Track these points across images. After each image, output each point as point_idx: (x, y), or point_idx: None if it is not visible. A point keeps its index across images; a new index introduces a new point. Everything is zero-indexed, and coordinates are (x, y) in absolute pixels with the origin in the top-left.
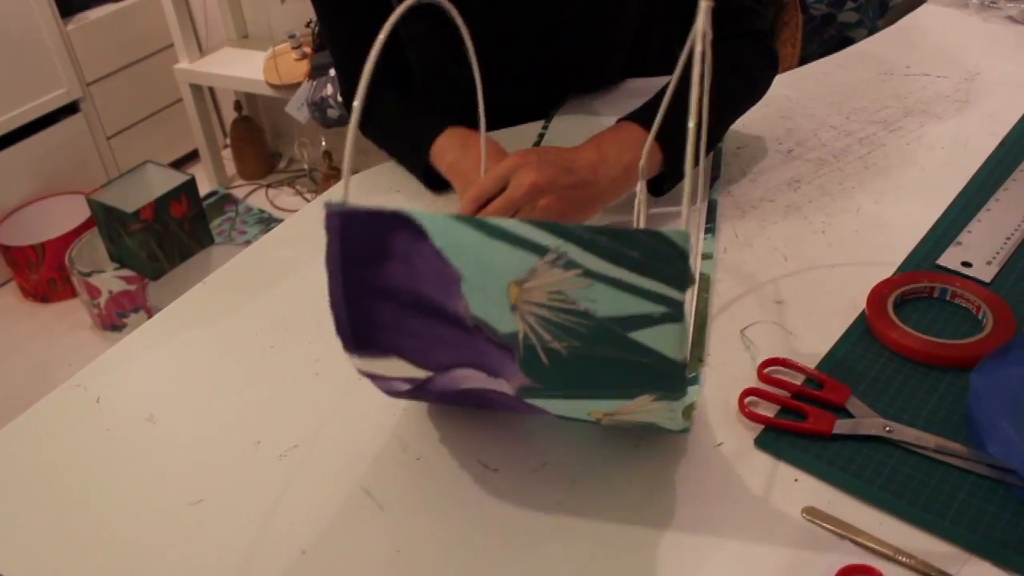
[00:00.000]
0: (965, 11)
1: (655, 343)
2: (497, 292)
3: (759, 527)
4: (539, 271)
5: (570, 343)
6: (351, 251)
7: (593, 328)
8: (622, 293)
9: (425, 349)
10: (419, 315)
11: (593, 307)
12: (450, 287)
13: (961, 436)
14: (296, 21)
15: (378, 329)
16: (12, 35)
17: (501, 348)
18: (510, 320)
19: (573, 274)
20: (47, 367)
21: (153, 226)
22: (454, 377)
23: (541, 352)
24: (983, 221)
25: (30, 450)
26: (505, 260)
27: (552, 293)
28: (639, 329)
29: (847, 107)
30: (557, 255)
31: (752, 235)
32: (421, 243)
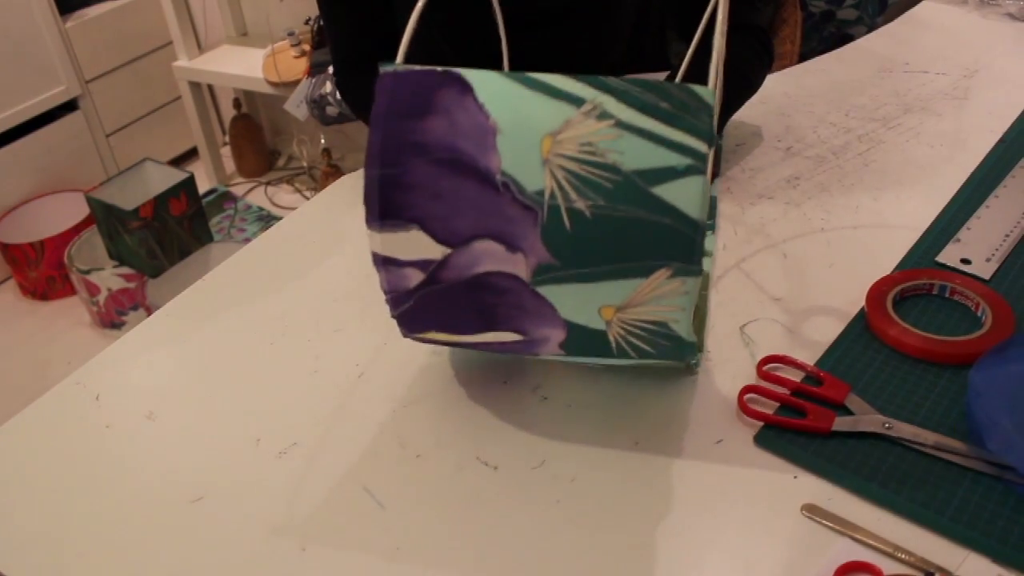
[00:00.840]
0: (964, 8)
1: (676, 198)
2: (531, 145)
3: (759, 524)
4: (573, 122)
5: (594, 202)
6: (396, 106)
7: (618, 183)
8: (650, 144)
9: (448, 215)
10: (451, 172)
11: (621, 159)
12: (487, 140)
13: (960, 433)
14: (295, 19)
15: (406, 191)
16: (11, 33)
17: (525, 210)
18: (539, 176)
19: (605, 125)
20: (46, 365)
21: (152, 224)
22: (471, 255)
23: (564, 214)
24: (982, 218)
25: (29, 447)
26: (543, 112)
27: (583, 145)
28: (663, 183)
29: (846, 104)
30: (593, 106)
31: (751, 232)
32: (466, 96)
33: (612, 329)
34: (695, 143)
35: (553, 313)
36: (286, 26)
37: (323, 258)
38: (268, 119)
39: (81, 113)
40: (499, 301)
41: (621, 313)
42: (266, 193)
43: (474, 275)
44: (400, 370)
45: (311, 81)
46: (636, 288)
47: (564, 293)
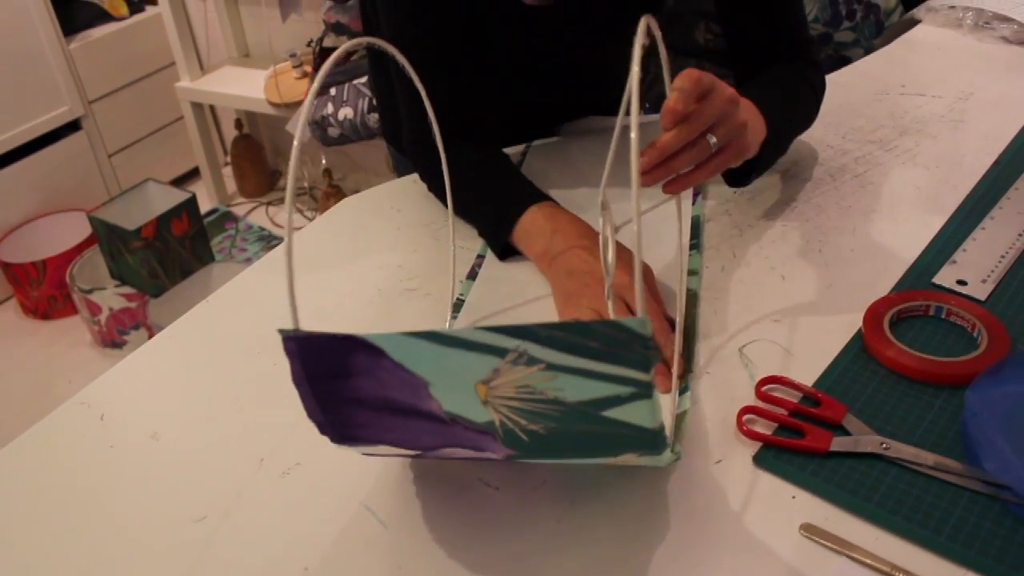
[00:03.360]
0: (959, 31)
1: (629, 418)
2: (466, 391)
3: (757, 543)
4: (503, 370)
5: (547, 424)
6: (315, 370)
7: (566, 411)
8: (588, 380)
9: (409, 439)
10: (395, 415)
11: (562, 394)
12: (419, 392)
13: (957, 453)
14: (297, 40)
15: (359, 428)
16: (15, 53)
17: (481, 433)
18: (484, 412)
19: (536, 369)
20: (47, 384)
21: (154, 243)
22: (442, 454)
23: (521, 434)
24: (978, 240)
25: (34, 467)
26: (467, 365)
27: (520, 387)
28: (611, 408)
29: (843, 127)
30: (518, 354)
31: (750, 254)
32: (381, 358)
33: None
34: (633, 374)
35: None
36: (288, 48)
37: (326, 279)
38: (269, 139)
39: (84, 133)
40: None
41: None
42: (267, 213)
43: (450, 457)
44: None
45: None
46: (604, 460)
47: (539, 461)
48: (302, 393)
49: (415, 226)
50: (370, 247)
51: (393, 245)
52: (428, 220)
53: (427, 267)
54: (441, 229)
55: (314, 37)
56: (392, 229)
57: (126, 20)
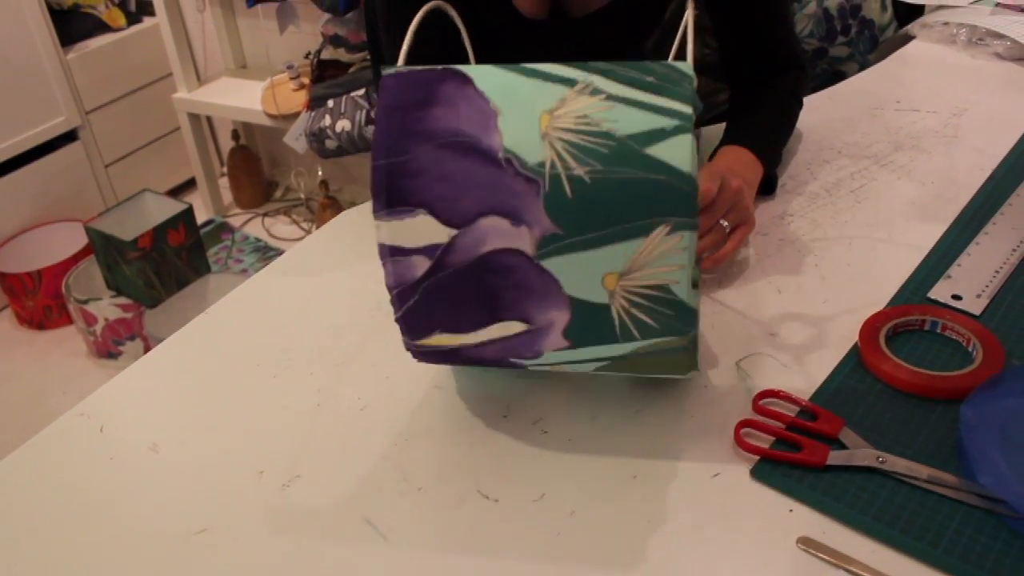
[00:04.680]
0: (953, 47)
1: (669, 156)
2: (530, 122)
3: (755, 556)
4: (568, 99)
5: (592, 167)
6: (400, 100)
7: (614, 148)
8: (640, 111)
9: (454, 195)
10: (455, 154)
11: (615, 126)
12: (488, 122)
13: (952, 467)
14: (294, 52)
15: (413, 177)
16: (13, 63)
17: (528, 182)
18: (539, 149)
19: (598, 99)
20: (41, 394)
21: (150, 254)
22: (477, 234)
23: (565, 182)
24: (973, 255)
25: (34, 478)
26: (540, 94)
27: (579, 117)
28: (654, 143)
29: (839, 141)
30: (584, 84)
31: (747, 268)
32: (466, 87)
33: (615, 301)
34: (680, 106)
35: (558, 290)
36: (285, 60)
37: (325, 292)
38: (266, 151)
39: (80, 144)
40: (504, 282)
41: (623, 280)
42: (263, 224)
43: (480, 256)
44: (402, 404)
45: (310, 114)
46: (637, 249)
47: (568, 264)
48: (377, 127)
49: None
50: (369, 258)
51: None
52: None
53: None
54: None
55: (312, 49)
56: None
57: (124, 31)
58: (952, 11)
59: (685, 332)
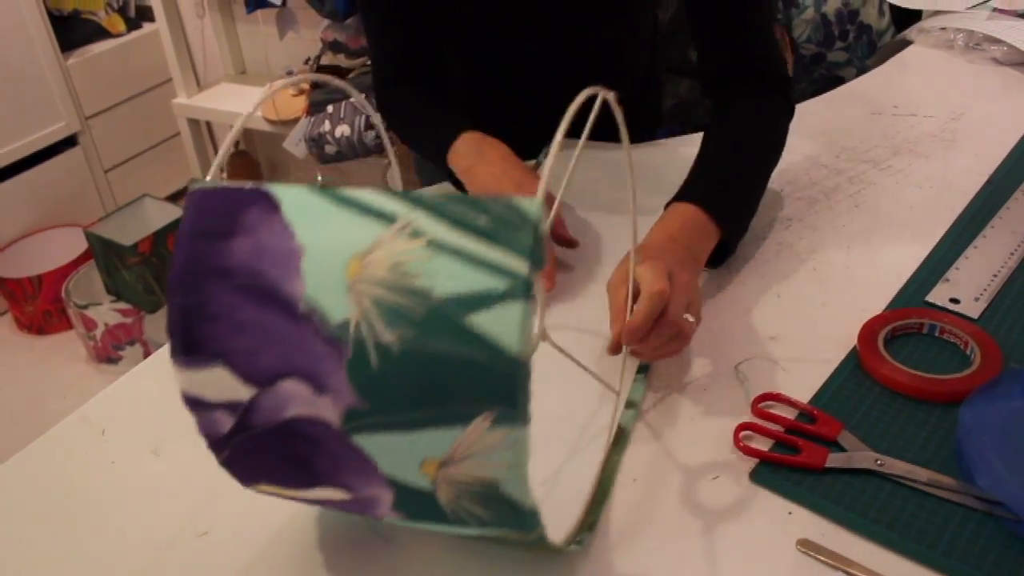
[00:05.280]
0: (950, 52)
1: (494, 329)
2: (337, 268)
3: (755, 559)
4: (383, 241)
5: (403, 333)
6: (201, 225)
7: (430, 311)
8: (464, 265)
9: (251, 349)
10: (252, 300)
11: (431, 283)
12: (290, 262)
13: (950, 469)
14: (294, 58)
15: (209, 322)
16: (13, 69)
17: (330, 345)
18: (344, 304)
19: (417, 244)
20: (41, 399)
21: (150, 259)
22: (277, 397)
23: (371, 349)
24: (970, 258)
25: (36, 482)
26: (353, 230)
27: (392, 266)
28: (478, 310)
29: (837, 146)
30: (404, 223)
31: (745, 273)
32: (272, 216)
33: (440, 490)
34: (514, 263)
35: (372, 468)
36: (285, 65)
37: None
38: (265, 156)
39: (80, 149)
40: (314, 452)
41: (445, 469)
42: None
43: (284, 420)
44: None
45: (310, 120)
46: (455, 439)
47: (380, 444)
48: (176, 253)
49: None
50: None
51: None
52: None
53: None
54: None
55: (312, 55)
56: None
57: (123, 37)
58: (949, 16)
59: (527, 530)
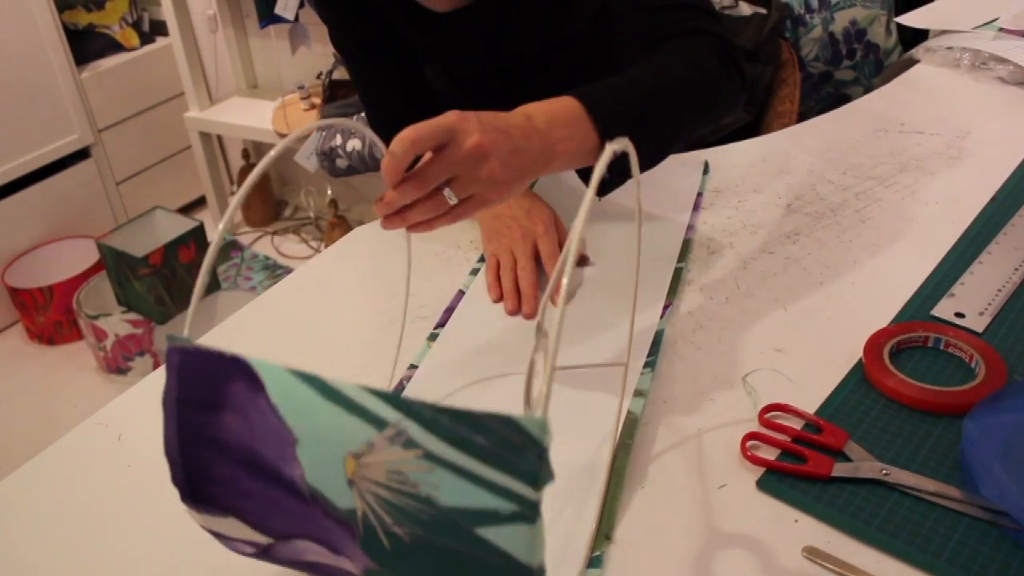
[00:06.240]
0: (957, 71)
1: (506, 543)
2: (334, 462)
3: (761, 566)
4: (377, 446)
5: (412, 530)
6: (188, 394)
7: (436, 517)
8: (467, 483)
9: (263, 514)
10: (254, 477)
11: (436, 494)
12: (285, 449)
13: (955, 480)
14: (306, 72)
15: (214, 486)
16: (28, 82)
17: (340, 524)
18: (348, 495)
19: (413, 455)
20: (51, 409)
21: (161, 271)
22: (296, 548)
23: (382, 535)
24: (976, 273)
25: (53, 484)
26: (342, 428)
27: (391, 473)
28: (486, 525)
29: (844, 163)
30: (396, 431)
31: (753, 286)
32: (258, 395)
33: None
34: (519, 487)
35: None
36: (296, 80)
37: (333, 310)
38: (275, 170)
39: (93, 161)
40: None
41: None
42: (272, 243)
43: (306, 561)
44: None
45: (322, 134)
46: None
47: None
48: (167, 418)
49: (426, 255)
50: (379, 277)
51: (404, 274)
52: (439, 249)
53: (438, 295)
54: (452, 258)
55: (323, 70)
56: (403, 258)
57: (137, 51)
58: (956, 36)
59: None
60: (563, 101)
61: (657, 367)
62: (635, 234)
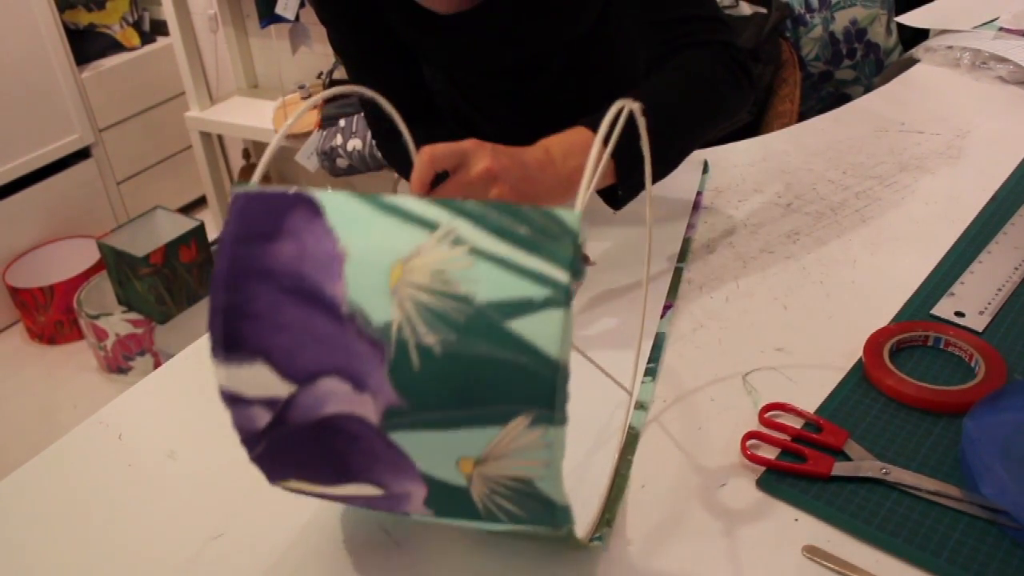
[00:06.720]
0: (957, 71)
1: (534, 334)
2: (379, 274)
3: (761, 564)
4: (425, 248)
5: (444, 336)
6: (245, 229)
7: (471, 316)
8: (506, 272)
9: (293, 347)
10: (296, 301)
11: (474, 290)
12: (333, 267)
13: (955, 479)
14: (307, 72)
15: (251, 320)
16: (28, 82)
17: (372, 345)
18: (387, 307)
19: (459, 251)
20: (52, 409)
21: (162, 270)
22: (317, 394)
23: (413, 350)
24: (975, 273)
25: (54, 484)
26: (395, 237)
27: (434, 272)
28: (519, 316)
29: (844, 162)
30: (446, 231)
31: (753, 285)
32: (315, 220)
33: (475, 486)
34: (554, 272)
35: (409, 465)
36: (297, 79)
37: None
38: (276, 169)
39: (94, 161)
40: (351, 448)
41: (481, 467)
42: None
43: (322, 417)
44: None
45: (322, 134)
46: (493, 438)
47: (418, 441)
48: (219, 257)
49: None
50: None
51: None
52: None
53: None
54: None
55: (324, 69)
56: None
57: (137, 50)
58: (956, 35)
59: (558, 526)
60: (577, 132)
61: (658, 369)
62: (635, 234)
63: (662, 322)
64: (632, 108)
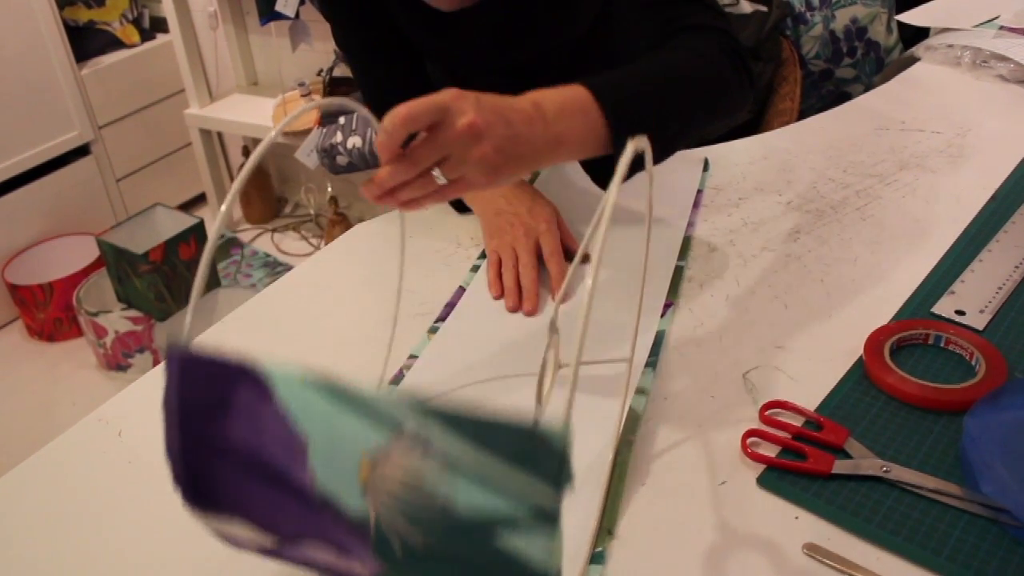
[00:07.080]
0: (958, 69)
1: (524, 550)
2: (347, 466)
3: (762, 562)
4: (393, 452)
5: (427, 539)
6: (190, 399)
7: (453, 527)
8: (486, 491)
9: (269, 517)
10: (261, 481)
11: (453, 503)
12: (295, 454)
13: (955, 477)
14: (306, 69)
15: (218, 488)
16: (28, 79)
17: (350, 531)
18: (361, 502)
19: (431, 464)
20: (51, 406)
21: (161, 267)
22: (304, 549)
23: (396, 544)
24: (976, 271)
25: (53, 481)
26: (357, 433)
27: (407, 479)
28: (505, 535)
29: (844, 161)
30: (415, 435)
31: (754, 283)
32: (266, 399)
33: None
34: (539, 495)
35: None
36: (297, 77)
37: (334, 307)
38: (276, 167)
39: (93, 158)
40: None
41: None
42: (272, 240)
43: (315, 561)
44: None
45: (322, 131)
46: None
47: None
48: (168, 425)
49: (426, 252)
50: (379, 274)
51: (404, 271)
52: (439, 247)
53: (438, 292)
54: (452, 255)
55: (324, 66)
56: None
57: (137, 47)
58: (957, 34)
59: None
60: (573, 89)
61: (658, 366)
62: (635, 234)
63: (662, 320)
64: (644, 146)
